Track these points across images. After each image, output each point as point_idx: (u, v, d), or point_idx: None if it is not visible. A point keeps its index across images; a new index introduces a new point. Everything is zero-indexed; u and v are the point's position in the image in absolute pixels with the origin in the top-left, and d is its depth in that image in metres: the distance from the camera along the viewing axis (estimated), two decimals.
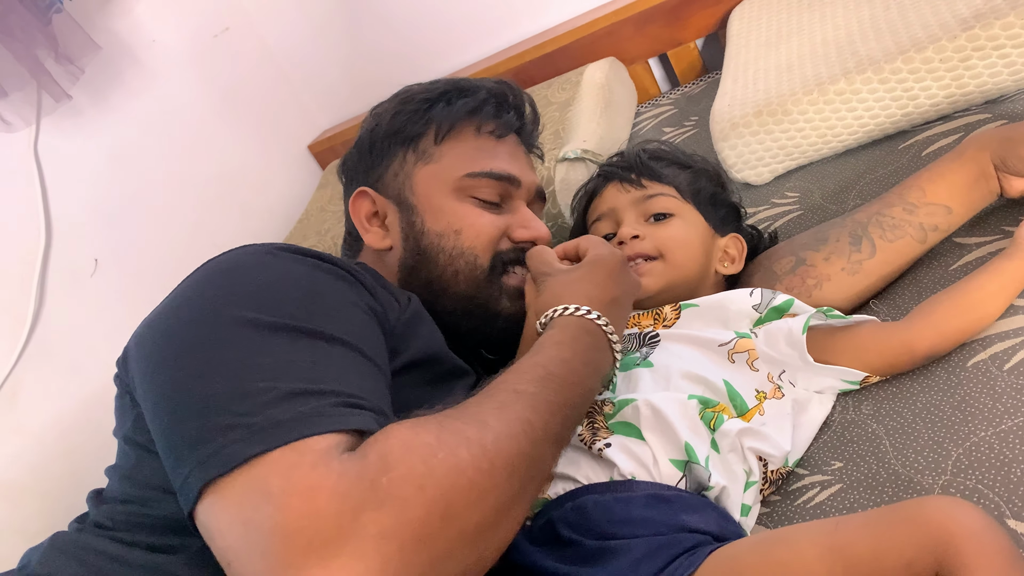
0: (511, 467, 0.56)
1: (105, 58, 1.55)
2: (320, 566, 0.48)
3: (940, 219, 0.87)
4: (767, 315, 0.83)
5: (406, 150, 0.96)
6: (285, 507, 0.50)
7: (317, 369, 0.61)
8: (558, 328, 0.73)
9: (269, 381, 0.58)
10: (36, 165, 1.42)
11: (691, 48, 1.71)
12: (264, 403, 0.56)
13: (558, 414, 0.63)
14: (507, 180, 0.94)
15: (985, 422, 0.70)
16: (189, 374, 0.61)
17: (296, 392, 0.57)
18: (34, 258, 1.37)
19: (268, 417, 0.55)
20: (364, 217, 0.97)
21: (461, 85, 0.99)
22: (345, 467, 0.52)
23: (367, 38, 1.96)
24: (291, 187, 1.97)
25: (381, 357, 0.70)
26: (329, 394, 0.58)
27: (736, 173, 1.23)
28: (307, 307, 0.66)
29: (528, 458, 0.58)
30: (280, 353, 0.61)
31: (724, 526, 0.69)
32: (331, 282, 0.72)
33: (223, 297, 0.67)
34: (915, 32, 1.11)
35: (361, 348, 0.66)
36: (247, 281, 0.69)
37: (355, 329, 0.68)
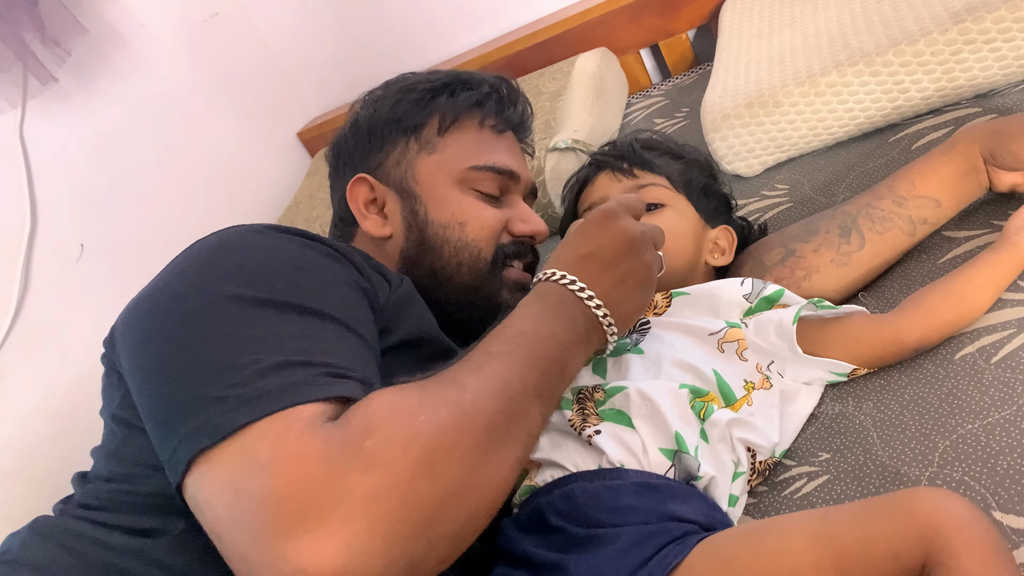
0: (491, 424, 0.57)
1: (92, 41, 1.54)
2: (311, 531, 0.48)
3: (929, 212, 0.88)
4: (758, 305, 0.83)
5: (408, 139, 0.96)
6: (275, 474, 0.51)
7: (304, 341, 0.61)
8: (530, 293, 0.73)
9: (257, 353, 0.58)
10: (21, 148, 1.41)
11: (683, 39, 1.71)
12: (252, 374, 0.56)
13: (534, 369, 0.63)
14: (508, 175, 0.95)
15: (972, 415, 0.70)
16: (176, 347, 0.62)
17: (283, 363, 0.58)
18: (19, 242, 1.36)
19: (256, 388, 0.55)
20: (362, 203, 0.96)
21: (463, 77, 0.99)
22: (331, 433, 0.53)
23: (358, 25, 1.95)
24: (280, 174, 1.96)
25: (370, 332, 0.70)
26: (316, 365, 0.58)
27: (727, 165, 1.23)
28: (294, 282, 0.66)
29: (507, 415, 0.59)
30: (267, 327, 0.61)
31: (712, 516, 0.69)
32: (319, 259, 0.72)
33: (210, 273, 0.67)
34: (907, 25, 1.11)
35: (348, 323, 0.66)
36: (234, 258, 0.69)
37: (342, 305, 0.68)
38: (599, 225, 0.75)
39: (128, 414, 0.69)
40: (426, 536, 0.51)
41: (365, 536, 0.49)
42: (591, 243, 0.74)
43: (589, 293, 0.71)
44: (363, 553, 0.48)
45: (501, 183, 0.95)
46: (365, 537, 0.49)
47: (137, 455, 0.68)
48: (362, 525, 0.49)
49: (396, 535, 0.50)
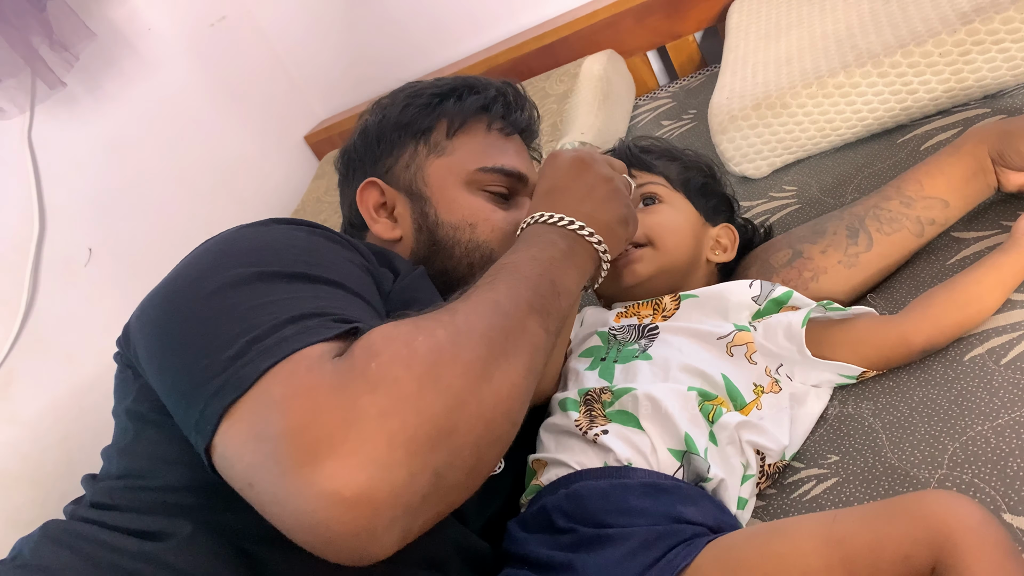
0: (487, 337, 0.58)
1: (100, 46, 1.54)
2: (332, 456, 0.49)
3: (937, 213, 0.87)
4: (766, 307, 0.83)
5: (417, 143, 0.97)
6: (288, 410, 0.52)
7: (318, 300, 0.63)
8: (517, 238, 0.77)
9: (273, 314, 0.60)
10: (30, 153, 1.41)
11: (690, 41, 1.71)
12: (269, 328, 0.59)
13: (522, 287, 0.65)
14: (516, 177, 0.96)
15: (982, 416, 0.70)
16: (194, 324, 0.63)
17: (298, 316, 0.60)
18: (27, 247, 1.36)
19: (274, 338, 0.58)
20: (372, 207, 0.97)
21: (470, 82, 1.00)
22: (337, 365, 0.54)
23: (365, 29, 1.96)
24: (287, 177, 1.96)
25: (379, 305, 0.72)
26: (329, 314, 0.61)
27: (734, 166, 1.23)
28: (304, 260, 0.69)
29: (503, 328, 0.60)
30: (282, 293, 0.64)
31: (721, 519, 0.69)
32: (326, 243, 0.74)
33: (222, 259, 0.69)
34: (915, 26, 1.11)
35: (360, 293, 0.68)
36: (244, 245, 0.72)
37: (353, 279, 0.70)
38: (550, 163, 0.82)
39: (143, 407, 0.70)
40: (445, 445, 0.52)
41: (385, 449, 0.50)
42: (548, 180, 0.80)
43: (558, 216, 0.74)
44: (386, 466, 0.49)
45: (510, 185, 0.96)
46: (385, 450, 0.50)
47: (148, 450, 0.69)
48: (379, 440, 0.50)
49: (415, 445, 0.51)
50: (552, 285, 0.69)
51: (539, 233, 0.74)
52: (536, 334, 0.64)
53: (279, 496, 0.51)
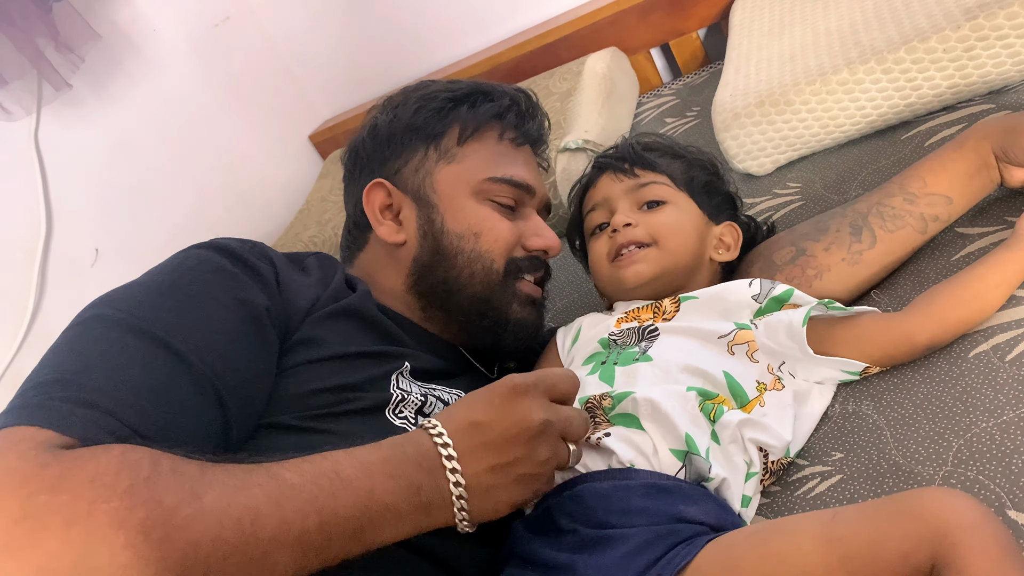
0: (193, 550, 0.51)
1: (105, 47, 1.55)
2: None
3: (940, 209, 0.87)
4: (767, 305, 0.83)
5: (428, 147, 0.96)
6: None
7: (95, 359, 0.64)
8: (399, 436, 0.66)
9: (50, 367, 0.64)
10: (36, 154, 1.42)
11: (693, 38, 1.70)
12: (26, 388, 0.62)
13: (314, 517, 0.56)
14: (524, 188, 0.96)
15: (986, 413, 0.69)
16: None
17: (49, 381, 0.62)
18: (35, 247, 1.37)
19: (14, 402, 0.60)
20: (378, 209, 0.96)
21: (485, 89, 0.99)
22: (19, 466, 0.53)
23: (368, 28, 1.96)
24: (292, 177, 1.97)
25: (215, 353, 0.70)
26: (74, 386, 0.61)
27: (738, 163, 1.23)
28: (153, 301, 0.72)
29: (231, 549, 0.53)
30: (83, 342, 0.67)
31: (723, 517, 0.69)
32: (202, 276, 0.76)
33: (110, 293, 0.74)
34: (919, 21, 1.10)
35: (176, 346, 0.67)
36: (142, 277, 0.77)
37: (191, 326, 0.70)
38: (503, 398, 0.66)
39: None
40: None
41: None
42: (488, 413, 0.65)
43: (455, 466, 0.62)
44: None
45: (517, 196, 0.96)
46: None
47: None
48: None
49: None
50: (357, 533, 0.59)
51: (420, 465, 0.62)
52: (276, 569, 0.55)
53: None
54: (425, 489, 0.61)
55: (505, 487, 0.64)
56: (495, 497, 0.64)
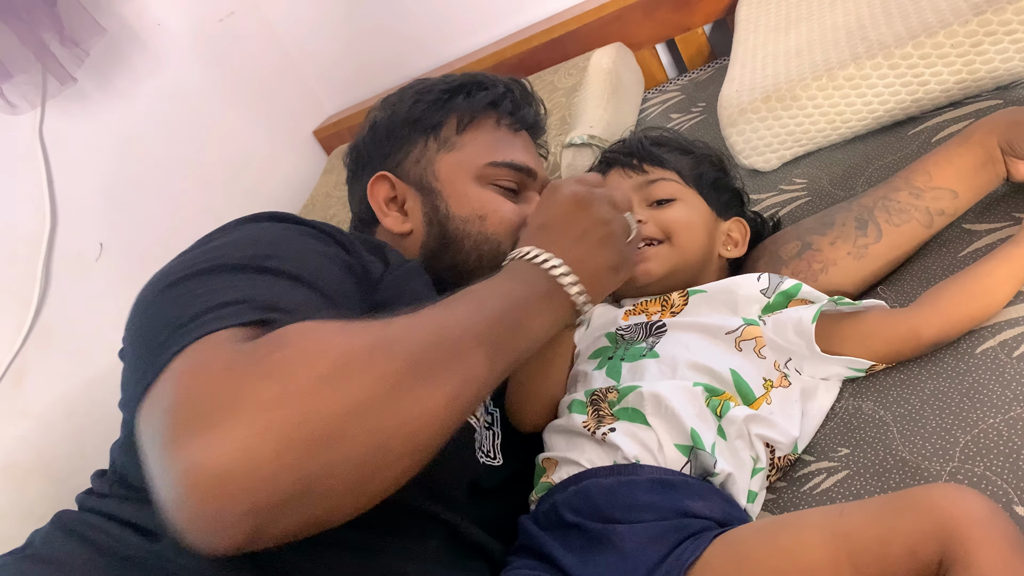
0: (413, 356, 0.56)
1: (110, 41, 1.55)
2: (203, 435, 0.48)
3: (946, 203, 0.87)
4: (776, 300, 0.82)
5: (427, 138, 0.98)
6: (179, 385, 0.52)
7: (251, 290, 0.63)
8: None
9: (206, 302, 0.61)
10: (41, 149, 1.42)
11: (699, 34, 1.70)
12: (194, 314, 0.59)
13: (478, 317, 0.63)
14: (525, 172, 0.97)
15: (994, 409, 0.69)
16: (147, 317, 0.65)
17: (223, 303, 0.60)
18: (39, 242, 1.37)
19: (193, 324, 0.58)
20: (383, 201, 0.98)
21: (479, 79, 1.01)
22: (240, 347, 0.54)
23: (373, 24, 1.95)
24: (296, 172, 1.97)
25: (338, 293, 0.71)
26: (252, 301, 0.60)
27: (744, 159, 1.23)
28: (264, 253, 0.69)
29: (437, 351, 0.58)
30: (222, 283, 0.64)
31: (729, 512, 0.69)
32: (298, 236, 0.75)
33: (189, 255, 0.71)
34: (926, 16, 1.10)
35: (310, 280, 0.67)
36: (218, 240, 0.74)
37: (314, 271, 0.70)
38: (548, 197, 0.78)
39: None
40: (326, 452, 0.50)
41: (257, 439, 0.48)
42: (542, 214, 0.77)
43: (545, 256, 0.71)
44: (253, 455, 0.47)
45: (519, 179, 0.97)
46: (257, 440, 0.48)
47: None
48: (254, 428, 0.48)
49: (289, 443, 0.48)
50: (515, 324, 0.66)
51: (522, 270, 0.71)
52: (476, 366, 0.60)
53: (154, 469, 0.51)
54: (539, 283, 0.70)
55: (591, 253, 0.73)
56: (590, 265, 0.73)
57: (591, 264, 0.73)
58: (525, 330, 0.67)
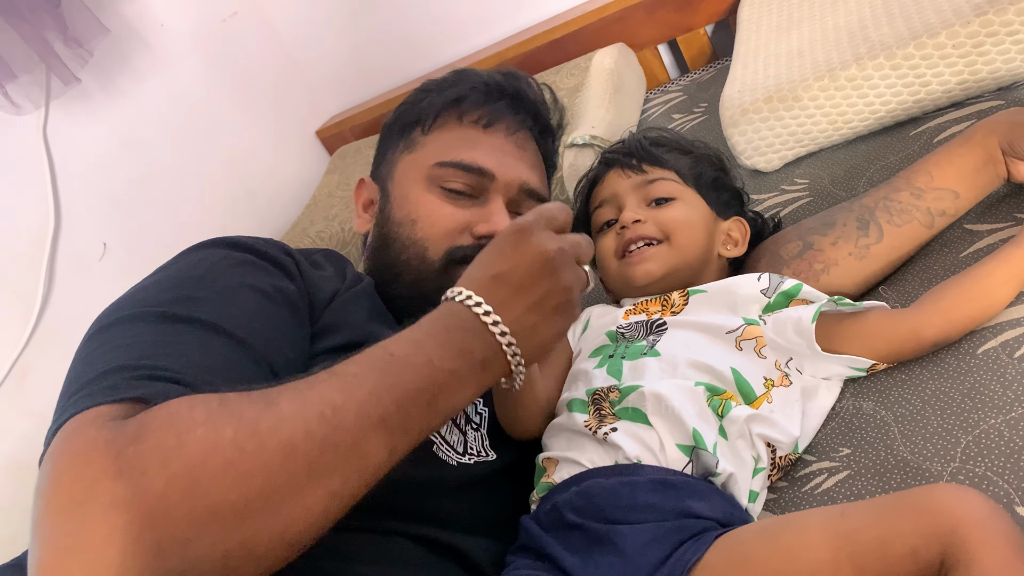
0: (290, 451, 0.51)
1: (114, 41, 1.55)
2: (55, 528, 0.48)
3: (947, 204, 0.87)
4: (776, 300, 0.82)
5: (399, 139, 0.98)
6: (44, 472, 0.51)
7: (150, 348, 0.62)
8: (431, 312, 0.66)
9: (100, 364, 0.60)
10: (45, 149, 1.42)
11: (701, 34, 1.70)
12: (83, 383, 0.58)
13: (387, 397, 0.56)
14: (477, 172, 0.91)
15: (995, 409, 0.69)
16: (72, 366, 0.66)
17: (109, 370, 0.59)
18: (43, 242, 1.38)
19: (78, 395, 0.57)
20: (361, 204, 0.99)
21: (461, 76, 0.98)
22: (100, 435, 0.51)
23: (376, 24, 1.96)
24: (299, 172, 1.97)
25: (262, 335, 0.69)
26: (138, 368, 0.59)
27: (745, 159, 1.23)
28: (188, 293, 0.69)
29: (324, 443, 0.52)
30: (131, 336, 0.64)
31: (730, 512, 0.69)
32: (230, 269, 0.74)
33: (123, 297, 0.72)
34: (928, 18, 1.10)
35: (228, 329, 0.66)
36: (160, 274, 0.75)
37: (234, 313, 0.68)
38: (512, 243, 0.66)
39: None
40: (178, 555, 0.47)
41: (99, 543, 0.46)
42: (504, 262, 0.66)
43: (495, 318, 0.63)
44: (95, 561, 0.46)
45: (472, 181, 0.92)
46: (99, 544, 0.46)
47: None
48: (99, 531, 0.46)
49: (135, 548, 0.46)
50: (430, 402, 0.59)
51: (463, 329, 0.63)
52: (372, 455, 0.55)
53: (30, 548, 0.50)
54: (477, 348, 0.62)
55: (545, 322, 0.66)
56: (540, 334, 0.66)
57: (542, 335, 0.66)
58: (442, 407, 0.61)
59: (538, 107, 1.00)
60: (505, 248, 0.67)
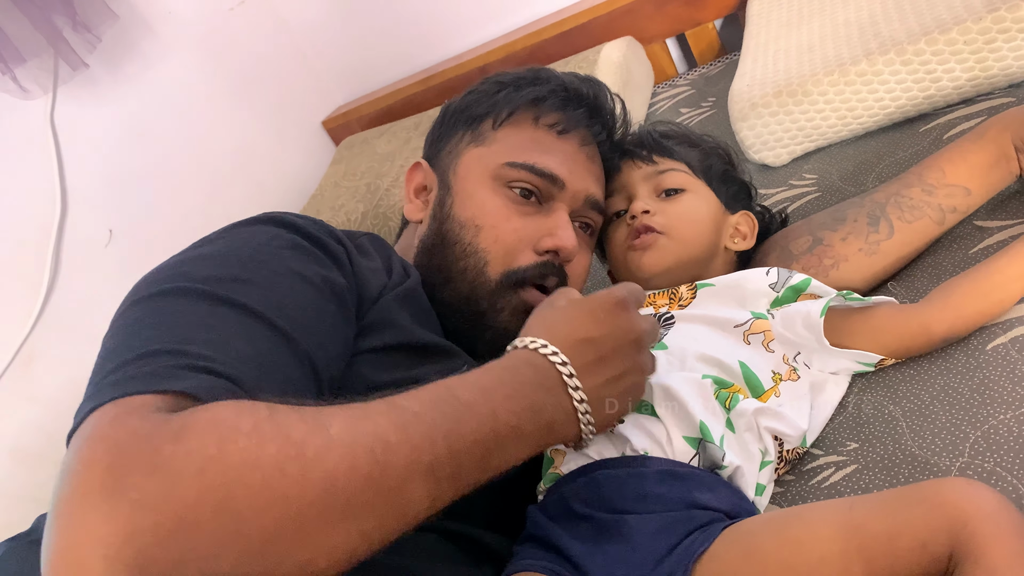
0: (331, 482, 0.48)
1: (122, 27, 1.55)
2: (78, 515, 0.46)
3: (959, 200, 0.87)
4: (785, 294, 0.82)
5: (466, 130, 0.93)
6: (76, 452, 0.49)
7: (194, 330, 0.60)
8: (505, 357, 0.64)
9: (146, 340, 0.58)
10: (52, 135, 1.42)
11: (710, 28, 1.70)
12: (121, 363, 0.56)
13: (442, 443, 0.53)
14: (549, 178, 0.88)
15: (1004, 405, 0.69)
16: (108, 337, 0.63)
17: (152, 352, 0.56)
18: (50, 228, 1.38)
19: (116, 376, 0.55)
20: (413, 188, 0.96)
21: (540, 74, 0.95)
22: (140, 425, 0.49)
23: (383, 14, 1.95)
24: (305, 162, 1.97)
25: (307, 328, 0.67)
26: (182, 355, 0.56)
27: (754, 154, 1.22)
28: (235, 274, 0.66)
29: (368, 481, 0.50)
30: (173, 314, 0.61)
31: (737, 504, 0.69)
32: (280, 252, 0.71)
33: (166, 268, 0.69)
34: (939, 13, 1.10)
35: (272, 318, 0.63)
36: (204, 248, 0.71)
37: (281, 299, 0.66)
38: (609, 312, 0.66)
39: None
40: (197, 570, 0.45)
41: (120, 540, 0.44)
42: (597, 328, 0.65)
43: (577, 383, 0.62)
44: (112, 556, 0.44)
45: (540, 186, 0.88)
46: (119, 541, 0.44)
47: None
48: (122, 527, 0.44)
49: (156, 554, 0.44)
50: (485, 456, 0.56)
51: (539, 385, 0.61)
52: (415, 502, 0.52)
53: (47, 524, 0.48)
54: (547, 409, 0.61)
55: (618, 397, 0.66)
56: (611, 409, 0.65)
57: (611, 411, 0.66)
58: (495, 463, 0.58)
59: (613, 120, 0.97)
60: (600, 315, 0.66)
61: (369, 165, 1.75)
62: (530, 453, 0.61)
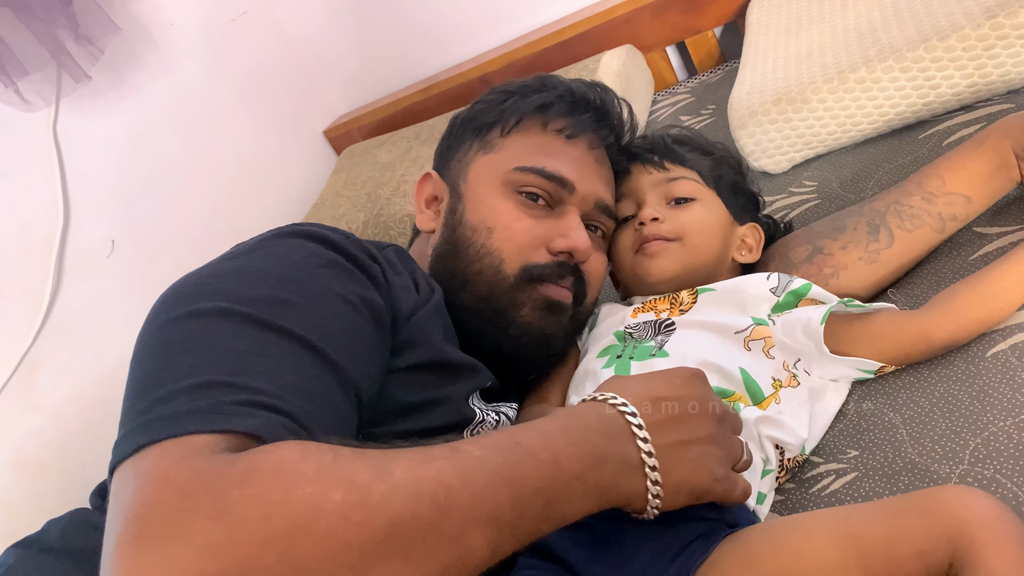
0: (393, 529, 0.48)
1: (124, 40, 1.56)
2: (141, 557, 0.46)
3: (959, 208, 0.87)
4: (785, 299, 0.82)
5: (474, 139, 0.94)
6: (138, 492, 0.49)
7: (245, 360, 0.59)
8: (573, 407, 0.64)
9: (193, 368, 0.57)
10: (55, 146, 1.43)
11: (709, 36, 1.70)
12: (174, 392, 0.56)
13: (502, 490, 0.52)
14: (558, 181, 0.88)
15: (1004, 412, 0.69)
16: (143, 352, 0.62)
17: (207, 384, 0.56)
18: (52, 238, 1.38)
19: (170, 407, 0.55)
20: (423, 199, 0.96)
21: (546, 81, 0.96)
22: (206, 467, 0.49)
23: (384, 24, 1.96)
24: (306, 172, 1.98)
25: (349, 353, 0.66)
26: (239, 389, 0.56)
27: (754, 161, 1.23)
28: (275, 296, 0.65)
29: (428, 528, 0.49)
30: (219, 340, 0.60)
31: (738, 514, 0.69)
32: (318, 270, 0.70)
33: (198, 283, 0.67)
34: (938, 20, 1.10)
35: (318, 345, 0.63)
36: (240, 260, 0.70)
37: (324, 323, 0.66)
38: (685, 379, 0.65)
39: None
40: None
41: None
42: (671, 390, 0.64)
43: (646, 435, 0.60)
44: None
45: (550, 189, 0.89)
46: None
47: None
48: (186, 572, 0.44)
49: None
50: (546, 507, 0.55)
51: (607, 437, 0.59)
52: (474, 550, 0.51)
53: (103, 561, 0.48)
54: (611, 461, 0.58)
55: (692, 465, 0.61)
56: (681, 474, 0.61)
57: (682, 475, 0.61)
58: (556, 514, 0.56)
59: (621, 123, 0.98)
60: (675, 380, 0.65)
61: (370, 174, 1.76)
62: (592, 507, 0.58)
